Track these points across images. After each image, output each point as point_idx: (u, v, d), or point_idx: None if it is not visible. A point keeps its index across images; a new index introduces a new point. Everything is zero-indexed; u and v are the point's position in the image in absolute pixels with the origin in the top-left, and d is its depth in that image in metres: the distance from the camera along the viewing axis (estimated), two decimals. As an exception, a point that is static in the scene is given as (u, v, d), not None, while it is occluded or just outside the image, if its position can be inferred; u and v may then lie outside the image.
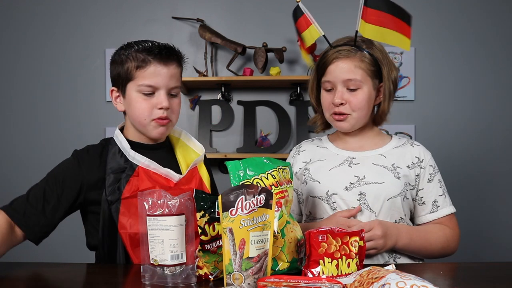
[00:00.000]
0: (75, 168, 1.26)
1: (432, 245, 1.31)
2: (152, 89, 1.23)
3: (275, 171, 1.08)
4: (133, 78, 1.23)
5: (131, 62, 1.22)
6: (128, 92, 1.25)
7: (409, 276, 0.81)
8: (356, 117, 1.34)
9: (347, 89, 1.32)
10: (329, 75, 1.33)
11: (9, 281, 1.06)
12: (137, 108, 1.24)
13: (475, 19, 2.74)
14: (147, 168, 1.25)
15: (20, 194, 1.25)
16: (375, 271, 0.86)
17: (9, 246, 1.18)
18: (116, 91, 1.30)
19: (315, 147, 1.46)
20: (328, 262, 0.99)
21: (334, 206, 1.32)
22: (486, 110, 2.74)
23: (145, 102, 1.23)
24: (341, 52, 1.32)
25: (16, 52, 2.76)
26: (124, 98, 1.27)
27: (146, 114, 1.24)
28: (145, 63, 1.21)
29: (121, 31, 2.74)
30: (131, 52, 1.23)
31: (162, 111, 1.24)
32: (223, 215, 0.91)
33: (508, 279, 1.08)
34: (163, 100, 1.23)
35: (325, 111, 1.38)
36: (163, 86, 1.23)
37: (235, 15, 2.77)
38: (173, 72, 1.25)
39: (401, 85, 2.75)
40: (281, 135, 2.74)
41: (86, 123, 2.75)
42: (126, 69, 1.23)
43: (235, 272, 0.91)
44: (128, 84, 1.25)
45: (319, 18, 1.42)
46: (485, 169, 2.73)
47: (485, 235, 2.70)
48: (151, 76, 1.22)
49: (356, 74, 1.30)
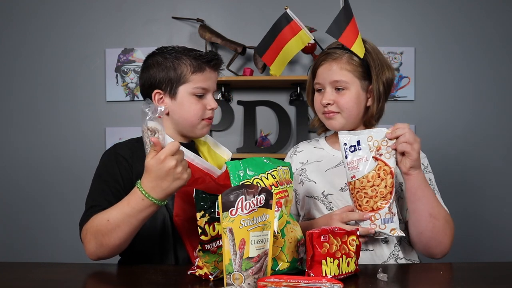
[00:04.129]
0: (117, 158, 1.29)
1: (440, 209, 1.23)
2: (204, 91, 1.35)
3: (275, 171, 1.08)
4: (188, 81, 1.33)
5: (186, 67, 1.32)
6: (181, 94, 1.33)
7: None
8: (345, 116, 1.36)
9: (335, 89, 1.36)
10: (318, 77, 1.39)
11: (9, 281, 1.06)
12: (192, 108, 1.34)
13: (475, 19, 2.74)
14: (192, 162, 1.28)
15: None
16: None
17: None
18: (161, 93, 1.34)
19: (312, 147, 1.49)
20: (330, 262, 1.00)
21: (330, 206, 1.34)
22: (486, 110, 2.74)
23: (198, 102, 1.34)
24: (329, 55, 1.37)
25: (16, 52, 2.76)
26: (174, 99, 1.34)
27: (200, 114, 1.34)
28: (201, 68, 1.33)
29: (121, 31, 2.74)
30: (183, 57, 1.33)
31: (211, 111, 1.37)
32: (223, 215, 0.91)
33: (508, 279, 1.08)
34: (212, 102, 1.36)
35: (317, 111, 1.43)
36: (212, 89, 1.38)
37: (235, 15, 2.78)
38: (217, 77, 1.40)
39: (401, 85, 2.75)
40: (281, 135, 2.74)
41: (86, 123, 2.74)
42: (179, 73, 1.32)
43: (235, 272, 0.91)
44: (180, 86, 1.33)
45: (311, 21, 1.45)
46: (485, 169, 2.73)
47: (485, 235, 2.70)
48: (205, 80, 1.34)
49: (342, 75, 1.34)
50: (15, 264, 1.24)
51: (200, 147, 1.46)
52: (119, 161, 1.28)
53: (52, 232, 2.70)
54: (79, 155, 2.69)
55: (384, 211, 1.17)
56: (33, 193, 2.70)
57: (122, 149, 1.32)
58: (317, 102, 1.40)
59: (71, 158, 2.72)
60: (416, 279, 1.12)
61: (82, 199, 1.25)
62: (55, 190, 2.71)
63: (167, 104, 1.34)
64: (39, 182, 2.71)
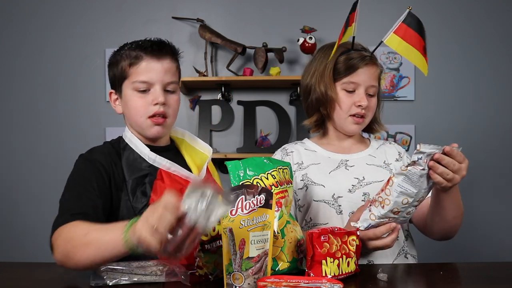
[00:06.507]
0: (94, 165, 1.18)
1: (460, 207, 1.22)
2: (147, 85, 1.20)
3: (275, 171, 1.08)
4: (127, 76, 1.21)
5: (125, 61, 1.20)
6: (124, 92, 1.23)
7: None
8: (367, 121, 1.39)
9: (366, 94, 1.35)
10: (356, 77, 1.33)
11: (9, 281, 1.06)
12: (132, 106, 1.22)
13: (475, 19, 2.74)
14: (168, 170, 1.22)
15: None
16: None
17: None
18: (114, 93, 1.28)
19: (303, 149, 1.44)
20: (330, 262, 1.00)
21: (340, 209, 1.32)
22: (486, 110, 2.74)
23: (141, 99, 1.20)
24: (368, 58, 1.34)
25: (16, 52, 2.76)
26: (121, 98, 1.26)
27: (142, 111, 1.21)
28: (137, 59, 1.19)
29: (121, 31, 2.74)
30: (124, 51, 1.22)
31: (158, 106, 1.20)
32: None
33: (508, 279, 1.08)
34: (158, 95, 1.19)
35: (342, 111, 1.35)
36: (158, 81, 1.20)
37: (235, 15, 2.77)
38: (167, 66, 1.22)
39: (401, 85, 2.75)
40: (281, 135, 2.74)
41: (86, 123, 2.75)
42: (120, 68, 1.22)
43: (235, 272, 0.91)
44: (123, 83, 1.23)
45: (311, 21, 1.41)
46: (485, 169, 2.73)
47: (484, 235, 2.70)
48: (144, 71, 1.19)
49: (376, 81, 1.37)
50: (15, 264, 1.24)
51: (180, 146, 1.36)
52: (96, 167, 1.17)
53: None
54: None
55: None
56: (33, 193, 2.70)
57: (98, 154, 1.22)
58: (348, 103, 1.34)
59: (71, 158, 2.67)
60: (416, 279, 1.12)
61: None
62: (55, 190, 2.69)
63: (120, 104, 1.26)
64: (39, 182, 2.71)
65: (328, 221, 1.32)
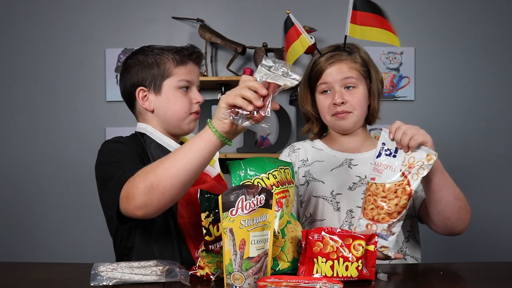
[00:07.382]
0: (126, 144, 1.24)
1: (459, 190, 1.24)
2: (189, 84, 1.34)
3: (276, 171, 1.08)
4: (172, 75, 1.31)
5: (169, 61, 1.32)
6: (166, 89, 1.32)
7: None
8: (357, 114, 1.37)
9: (344, 88, 1.36)
10: (325, 78, 1.37)
11: (9, 281, 1.06)
12: (178, 102, 1.32)
13: (475, 19, 2.74)
14: None
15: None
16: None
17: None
18: (145, 90, 1.32)
19: (310, 147, 1.48)
20: (322, 261, 0.99)
21: (338, 206, 1.33)
22: (486, 110, 2.74)
23: (185, 97, 1.33)
24: (333, 57, 1.37)
25: (16, 52, 2.76)
26: (159, 95, 1.32)
27: (187, 107, 1.33)
28: (183, 61, 1.33)
29: (121, 31, 2.74)
30: (164, 53, 1.32)
31: (198, 105, 1.36)
32: (223, 215, 0.91)
33: (508, 279, 1.08)
34: (198, 95, 1.36)
35: (324, 114, 1.40)
36: (196, 82, 1.37)
37: (235, 15, 2.77)
38: (199, 71, 1.41)
39: (401, 85, 2.75)
40: (281, 135, 2.74)
41: (86, 123, 2.74)
42: (163, 68, 1.31)
43: (236, 272, 0.92)
44: (164, 81, 1.31)
45: (311, 21, 1.44)
46: (485, 169, 2.73)
47: (484, 235, 2.70)
48: (189, 73, 1.34)
49: (352, 73, 1.36)
50: (15, 264, 1.24)
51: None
52: (129, 145, 1.24)
53: (52, 232, 2.69)
54: (79, 155, 2.67)
55: (382, 226, 1.10)
56: (33, 193, 2.70)
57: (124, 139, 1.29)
58: (326, 104, 1.38)
59: (71, 158, 2.71)
60: (416, 279, 1.12)
61: (82, 199, 1.24)
62: (55, 190, 2.71)
63: (151, 101, 1.32)
64: (39, 182, 2.71)
65: (325, 217, 1.33)
